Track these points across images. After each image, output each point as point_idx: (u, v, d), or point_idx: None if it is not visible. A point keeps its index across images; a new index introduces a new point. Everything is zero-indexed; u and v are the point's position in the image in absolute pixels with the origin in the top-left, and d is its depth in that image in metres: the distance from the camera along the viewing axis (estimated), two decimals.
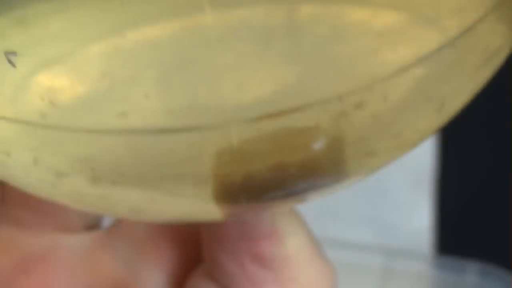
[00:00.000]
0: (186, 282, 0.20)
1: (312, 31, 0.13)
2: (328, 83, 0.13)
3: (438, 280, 0.48)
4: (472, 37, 0.14)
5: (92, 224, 0.22)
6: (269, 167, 0.14)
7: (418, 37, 0.13)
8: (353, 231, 0.51)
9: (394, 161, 0.15)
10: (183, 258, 0.21)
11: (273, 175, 0.14)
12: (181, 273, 0.21)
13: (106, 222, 0.22)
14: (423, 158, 0.53)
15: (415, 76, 0.13)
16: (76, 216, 0.21)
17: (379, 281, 0.48)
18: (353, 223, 0.51)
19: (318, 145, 0.14)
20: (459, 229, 0.51)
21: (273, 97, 0.13)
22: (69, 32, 0.13)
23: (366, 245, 0.49)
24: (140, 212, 0.16)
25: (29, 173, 0.14)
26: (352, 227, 0.51)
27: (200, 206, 0.15)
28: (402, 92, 0.14)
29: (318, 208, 0.52)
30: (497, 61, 0.15)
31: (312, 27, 0.13)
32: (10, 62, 0.13)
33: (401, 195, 0.52)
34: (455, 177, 0.52)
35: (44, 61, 0.13)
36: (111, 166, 0.14)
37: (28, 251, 0.21)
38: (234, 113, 0.13)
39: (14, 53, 0.13)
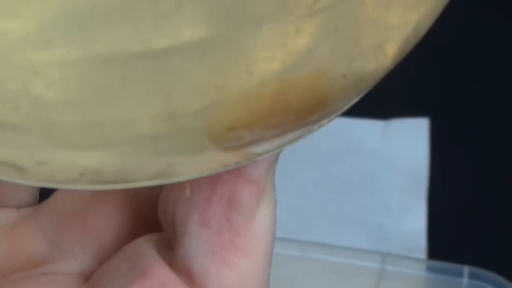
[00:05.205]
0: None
1: None
2: None
3: (432, 283, 0.48)
4: None
5: (27, 203, 0.21)
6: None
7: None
8: (349, 234, 0.51)
9: None
10: (116, 233, 0.20)
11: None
12: (114, 249, 0.20)
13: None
14: (417, 163, 0.53)
15: None
16: (8, 193, 0.21)
17: (374, 283, 0.48)
18: (348, 227, 0.52)
19: None
20: (453, 233, 0.51)
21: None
22: None
23: (361, 248, 0.50)
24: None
25: None
26: (347, 231, 0.52)
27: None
28: None
29: (314, 212, 0.53)
30: None
31: None
32: None
33: (396, 199, 0.52)
34: (449, 182, 0.52)
35: None
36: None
37: None
38: None
39: None
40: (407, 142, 0.53)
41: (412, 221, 0.51)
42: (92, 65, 0.13)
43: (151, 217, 0.20)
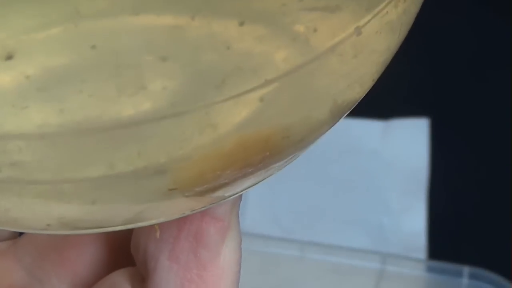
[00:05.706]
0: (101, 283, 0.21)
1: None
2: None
3: (432, 283, 0.48)
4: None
5: (7, 237, 0.22)
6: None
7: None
8: (349, 234, 0.51)
9: None
10: (91, 264, 0.22)
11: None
12: (89, 279, 0.21)
13: None
14: (417, 163, 0.53)
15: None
16: None
17: (374, 284, 0.48)
18: (348, 227, 0.52)
19: None
20: (453, 233, 0.51)
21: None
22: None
23: (361, 248, 0.50)
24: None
25: None
26: (347, 231, 0.52)
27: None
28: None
29: (314, 212, 0.53)
30: None
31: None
32: None
33: (396, 199, 0.52)
34: (449, 182, 0.52)
35: None
36: None
37: None
38: None
39: None
40: (407, 142, 0.53)
41: (412, 221, 0.51)
42: (67, 134, 0.14)
43: (125, 249, 0.21)
